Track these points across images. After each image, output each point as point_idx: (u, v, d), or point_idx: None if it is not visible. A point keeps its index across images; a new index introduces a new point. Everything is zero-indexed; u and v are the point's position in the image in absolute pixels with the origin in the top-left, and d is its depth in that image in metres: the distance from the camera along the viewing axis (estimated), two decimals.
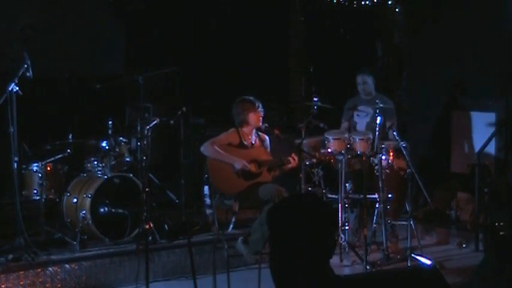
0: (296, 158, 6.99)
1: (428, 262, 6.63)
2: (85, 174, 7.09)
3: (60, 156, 7.01)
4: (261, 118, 7.25)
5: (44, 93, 8.22)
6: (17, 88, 6.14)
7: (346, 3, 10.02)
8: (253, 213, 7.26)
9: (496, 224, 7.22)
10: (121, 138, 7.31)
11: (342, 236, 7.13)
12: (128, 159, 7.35)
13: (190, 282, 5.46)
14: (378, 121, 7.10)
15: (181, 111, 7.36)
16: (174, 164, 8.10)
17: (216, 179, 7.22)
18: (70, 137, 7.09)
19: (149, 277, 5.77)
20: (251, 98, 7.28)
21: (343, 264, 6.92)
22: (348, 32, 10.40)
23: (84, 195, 6.76)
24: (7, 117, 6.13)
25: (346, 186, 7.30)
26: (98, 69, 8.70)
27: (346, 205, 7.30)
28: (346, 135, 7.35)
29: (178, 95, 9.09)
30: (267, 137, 7.45)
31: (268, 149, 7.42)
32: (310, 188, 7.41)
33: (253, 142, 7.31)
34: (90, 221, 6.68)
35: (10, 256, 6.12)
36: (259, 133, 7.41)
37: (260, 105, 7.25)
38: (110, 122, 7.20)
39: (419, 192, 7.51)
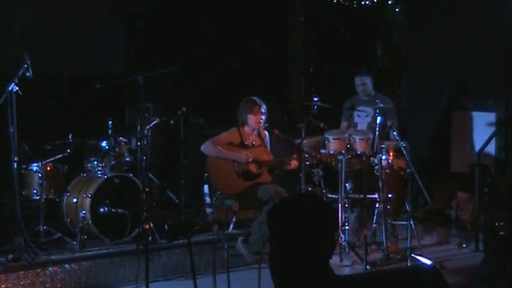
0: (297, 162, 6.94)
1: (428, 262, 6.63)
2: (85, 174, 7.09)
3: (60, 156, 7.01)
4: (261, 121, 7.14)
5: (44, 93, 8.22)
6: (17, 88, 6.14)
7: (346, 3, 10.02)
8: (253, 213, 7.27)
9: (496, 224, 7.22)
10: (121, 138, 7.31)
11: (342, 236, 7.13)
12: (127, 159, 7.36)
13: (190, 282, 5.46)
14: (378, 121, 7.10)
15: (181, 111, 7.36)
16: (174, 164, 8.10)
17: (216, 178, 7.21)
18: (70, 137, 7.09)
19: (149, 277, 5.77)
20: (256, 99, 7.17)
21: (343, 264, 6.92)
22: (348, 32, 10.40)
23: (84, 195, 6.76)
24: (7, 117, 6.13)
25: (346, 186, 7.30)
26: (98, 69, 8.70)
27: (346, 205, 7.30)
28: (346, 135, 7.35)
29: (179, 95, 9.10)
30: (266, 133, 7.38)
31: (269, 145, 7.39)
32: (310, 188, 7.41)
33: (253, 142, 7.29)
34: (90, 221, 6.68)
35: (10, 256, 6.12)
36: (259, 130, 7.34)
37: (263, 108, 7.14)
38: (110, 122, 7.20)
39: (419, 192, 7.50)
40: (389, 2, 9.93)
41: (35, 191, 6.85)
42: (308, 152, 7.19)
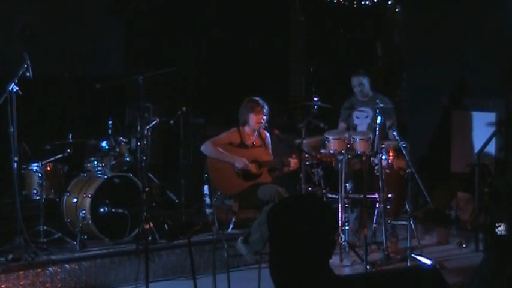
0: (297, 162, 6.93)
1: (428, 262, 6.63)
2: (85, 174, 7.09)
3: (60, 156, 7.00)
4: (261, 121, 7.14)
5: (44, 93, 8.22)
6: (17, 88, 6.14)
7: (346, 3, 10.02)
8: (253, 213, 7.26)
9: (496, 224, 7.22)
10: (121, 138, 7.31)
11: (342, 236, 7.13)
12: (127, 159, 7.35)
13: (190, 282, 5.45)
14: (378, 121, 7.10)
15: (181, 111, 7.36)
16: (174, 164, 8.10)
17: (216, 179, 7.22)
18: (70, 137, 7.08)
19: (149, 277, 5.78)
20: (259, 99, 7.17)
21: (343, 264, 6.92)
22: (348, 32, 10.40)
23: (84, 195, 6.76)
24: (7, 117, 6.14)
25: (346, 186, 7.30)
26: (98, 69, 8.70)
27: (346, 205, 7.30)
28: (346, 135, 7.35)
29: (179, 95, 9.10)
30: (267, 134, 7.40)
31: (270, 147, 7.39)
32: (310, 188, 7.41)
33: (254, 142, 7.29)
34: (90, 221, 6.68)
35: (10, 256, 6.12)
36: (260, 131, 7.34)
37: (265, 108, 7.14)
38: (110, 122, 7.20)
39: (419, 192, 7.50)
40: (389, 2, 9.93)
41: (35, 191, 6.85)
42: (308, 152, 7.19)
